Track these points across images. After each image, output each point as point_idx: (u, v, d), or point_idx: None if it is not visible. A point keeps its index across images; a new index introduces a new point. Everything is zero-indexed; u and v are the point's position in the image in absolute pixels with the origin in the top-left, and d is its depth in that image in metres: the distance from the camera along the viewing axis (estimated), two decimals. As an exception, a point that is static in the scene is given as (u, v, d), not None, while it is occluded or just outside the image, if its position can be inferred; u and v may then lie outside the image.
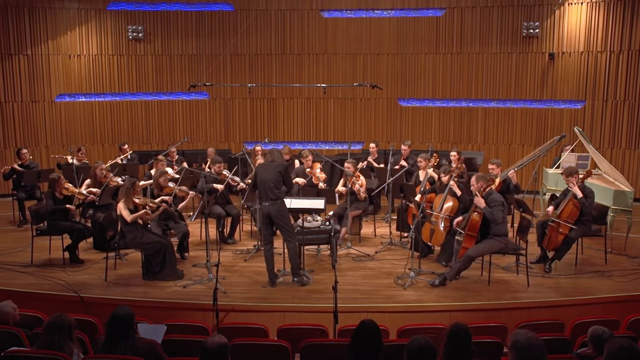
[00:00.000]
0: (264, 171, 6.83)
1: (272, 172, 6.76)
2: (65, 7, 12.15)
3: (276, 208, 6.76)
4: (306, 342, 4.62)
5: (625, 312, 5.75)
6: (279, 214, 6.78)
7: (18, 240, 8.69)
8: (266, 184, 6.75)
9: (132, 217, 6.93)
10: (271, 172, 6.77)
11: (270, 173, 6.76)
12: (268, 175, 6.76)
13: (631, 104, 11.42)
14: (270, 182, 6.72)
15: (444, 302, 6.48)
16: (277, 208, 6.76)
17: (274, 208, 6.75)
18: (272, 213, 6.77)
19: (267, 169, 6.83)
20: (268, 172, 6.79)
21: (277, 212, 6.77)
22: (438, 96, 12.67)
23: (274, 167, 6.80)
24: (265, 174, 6.79)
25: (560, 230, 7.23)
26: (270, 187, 6.73)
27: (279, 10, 12.68)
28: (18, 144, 11.72)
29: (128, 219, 6.91)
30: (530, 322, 5.30)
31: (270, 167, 6.83)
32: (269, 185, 6.73)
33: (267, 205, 6.77)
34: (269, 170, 6.80)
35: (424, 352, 3.41)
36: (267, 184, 6.74)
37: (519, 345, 3.21)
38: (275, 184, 6.74)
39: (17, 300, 5.26)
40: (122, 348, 3.99)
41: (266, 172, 6.80)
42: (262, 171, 6.85)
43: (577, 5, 11.62)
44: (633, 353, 3.19)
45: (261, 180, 6.80)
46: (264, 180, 6.77)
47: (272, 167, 6.81)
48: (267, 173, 6.78)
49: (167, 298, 6.57)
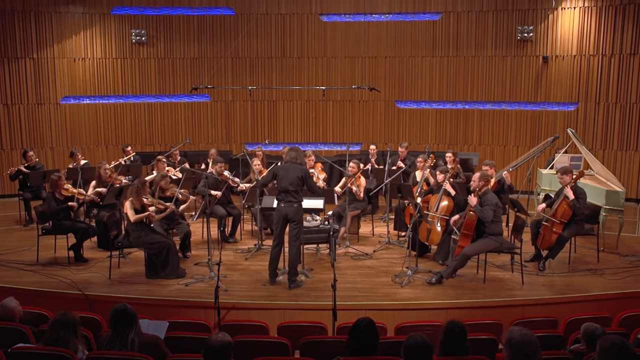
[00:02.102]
0: (284, 172, 6.68)
1: (292, 176, 6.62)
2: (70, 11, 12.15)
3: (294, 210, 6.66)
4: (306, 339, 4.62)
5: (617, 309, 5.75)
6: (296, 216, 6.69)
7: (24, 239, 8.69)
8: (286, 186, 6.62)
9: (136, 217, 6.93)
10: (291, 175, 6.63)
11: (291, 176, 6.62)
12: (289, 178, 6.62)
13: (623, 106, 11.43)
14: (291, 185, 6.60)
15: (441, 300, 6.48)
16: (295, 210, 6.66)
17: (292, 210, 6.66)
18: (290, 215, 6.68)
19: (288, 171, 6.68)
20: (288, 174, 6.64)
21: (295, 214, 6.68)
22: (435, 98, 12.68)
23: (294, 170, 6.66)
24: (285, 175, 6.66)
25: (553, 230, 7.23)
26: (290, 190, 6.61)
27: (279, 15, 12.68)
28: (24, 145, 11.72)
29: (132, 219, 6.90)
30: (524, 319, 5.30)
31: (290, 169, 6.67)
32: (288, 188, 6.61)
33: (285, 206, 6.66)
34: (289, 172, 6.65)
35: (420, 348, 3.42)
36: (287, 186, 6.61)
37: (514, 342, 3.22)
38: (296, 187, 6.62)
39: (23, 297, 5.27)
40: (131, 336, 3.96)
41: (286, 174, 6.65)
42: (283, 172, 6.70)
43: (570, 10, 11.63)
44: (624, 349, 3.19)
45: (281, 182, 6.67)
46: (283, 181, 6.64)
47: (292, 169, 6.66)
48: (287, 175, 6.64)
49: (169, 296, 6.57)
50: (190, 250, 7.97)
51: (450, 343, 3.84)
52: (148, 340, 4.15)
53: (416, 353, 3.41)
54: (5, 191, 11.84)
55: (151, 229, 7.16)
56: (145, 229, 7.04)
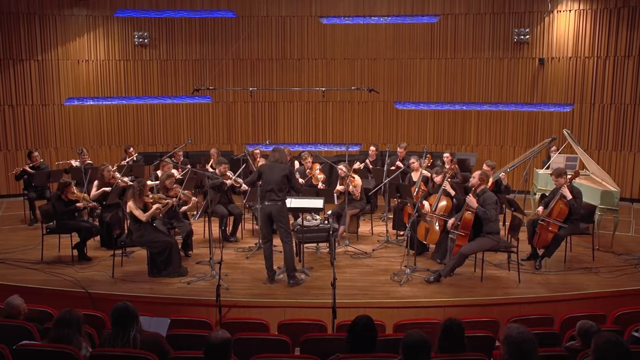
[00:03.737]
0: (269, 171, 6.73)
1: (277, 175, 6.66)
2: (74, 14, 12.14)
3: (277, 208, 6.71)
4: (306, 336, 4.62)
5: (612, 306, 5.75)
6: (280, 214, 6.73)
7: (29, 238, 8.69)
8: (270, 184, 6.66)
9: (147, 215, 6.92)
10: (276, 174, 6.67)
11: (275, 175, 6.67)
12: (273, 176, 6.67)
13: (617, 107, 11.44)
14: (274, 184, 6.64)
15: (439, 298, 6.48)
16: (278, 208, 6.71)
17: (275, 208, 6.70)
18: (274, 213, 6.72)
19: (272, 170, 6.73)
20: (273, 173, 6.69)
21: (278, 212, 6.72)
22: (433, 99, 12.67)
23: (279, 169, 6.70)
24: (270, 174, 6.70)
25: (549, 229, 7.23)
26: (274, 188, 6.64)
27: (279, 17, 12.68)
28: (29, 146, 11.71)
29: (143, 218, 6.89)
30: (521, 317, 5.30)
31: (275, 168, 6.72)
32: (272, 186, 6.64)
33: (269, 204, 6.70)
34: (274, 171, 6.70)
35: (419, 346, 3.42)
36: (271, 185, 6.65)
37: (511, 340, 3.22)
38: (279, 186, 6.65)
39: (28, 295, 5.27)
40: (132, 334, 3.96)
41: (271, 173, 6.70)
42: (268, 171, 6.74)
43: (566, 12, 11.64)
44: (619, 346, 3.19)
45: (265, 180, 6.71)
46: (268, 180, 6.68)
47: (277, 168, 6.71)
48: (272, 174, 6.68)
49: (171, 294, 6.57)
50: (192, 249, 7.98)
51: (448, 340, 3.83)
52: (150, 337, 4.15)
53: (414, 350, 3.41)
54: (11, 191, 11.83)
55: (154, 228, 7.16)
56: (148, 228, 7.03)
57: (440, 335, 3.87)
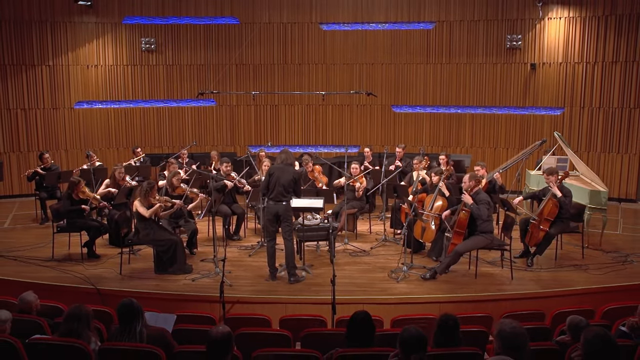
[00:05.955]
0: (281, 172, 6.72)
1: (287, 177, 6.68)
2: (84, 21, 12.15)
3: (284, 207, 6.72)
4: (306, 331, 4.63)
5: (600, 302, 5.77)
6: (287, 213, 6.75)
7: (40, 236, 8.69)
8: (280, 185, 6.66)
9: (150, 212, 6.94)
10: (287, 176, 6.69)
11: (286, 177, 6.68)
12: (283, 177, 6.68)
13: (606, 110, 11.45)
14: (284, 185, 6.65)
15: (434, 294, 6.49)
16: (285, 207, 6.72)
17: (282, 207, 6.71)
18: (281, 212, 6.72)
19: (284, 171, 6.73)
20: (284, 175, 6.70)
21: (285, 211, 6.73)
22: (429, 103, 12.68)
23: (290, 172, 6.73)
24: (281, 175, 6.70)
25: (541, 227, 7.24)
26: (282, 190, 6.66)
27: (280, 24, 12.68)
28: (40, 148, 11.72)
29: (146, 214, 6.92)
30: (513, 312, 5.31)
31: (286, 170, 6.73)
32: (281, 187, 6.65)
33: (277, 204, 6.71)
34: (285, 173, 6.71)
35: (415, 340, 3.42)
36: (281, 185, 6.66)
37: (504, 334, 3.22)
38: (287, 188, 6.68)
39: (40, 291, 5.27)
40: (138, 329, 3.96)
41: (282, 174, 6.70)
42: (279, 172, 6.74)
43: (556, 20, 11.65)
44: (607, 340, 3.20)
45: (276, 180, 6.70)
46: (278, 181, 6.68)
47: (288, 171, 6.73)
48: (283, 176, 6.69)
49: (177, 290, 6.57)
50: (197, 247, 7.98)
51: (444, 335, 3.85)
52: (155, 332, 4.16)
53: (411, 344, 3.41)
54: (23, 191, 11.84)
55: (160, 226, 7.17)
56: (155, 227, 7.04)
57: (436, 330, 3.88)
